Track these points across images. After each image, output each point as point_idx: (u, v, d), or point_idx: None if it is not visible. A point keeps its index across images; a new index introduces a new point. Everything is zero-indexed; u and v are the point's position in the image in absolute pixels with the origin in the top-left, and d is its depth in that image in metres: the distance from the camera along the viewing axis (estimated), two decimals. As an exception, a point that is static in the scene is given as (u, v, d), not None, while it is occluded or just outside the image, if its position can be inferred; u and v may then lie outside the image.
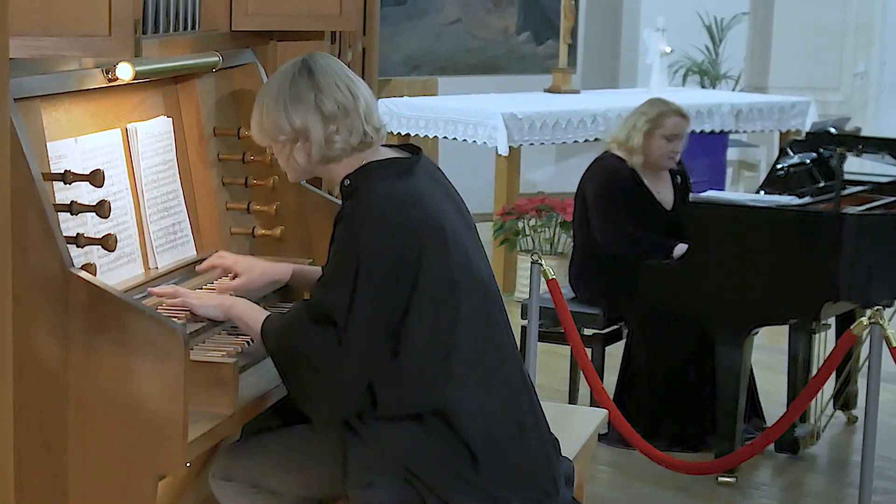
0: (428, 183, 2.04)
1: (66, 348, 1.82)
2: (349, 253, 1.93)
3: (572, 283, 3.85)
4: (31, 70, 1.93)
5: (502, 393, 2.03)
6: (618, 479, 3.54)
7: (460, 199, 2.11)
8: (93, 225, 2.06)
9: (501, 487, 2.00)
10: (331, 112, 2.01)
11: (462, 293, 1.98)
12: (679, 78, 7.48)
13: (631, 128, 3.72)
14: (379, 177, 2.00)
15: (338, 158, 2.03)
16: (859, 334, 3.01)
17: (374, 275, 1.92)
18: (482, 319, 2.02)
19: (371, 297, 1.92)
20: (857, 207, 3.63)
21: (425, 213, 1.97)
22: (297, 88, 2.02)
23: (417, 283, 1.94)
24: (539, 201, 5.35)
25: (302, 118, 2.01)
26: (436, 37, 7.15)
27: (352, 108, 2.02)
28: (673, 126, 3.70)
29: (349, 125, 2.02)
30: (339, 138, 2.02)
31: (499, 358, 2.05)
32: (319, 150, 2.02)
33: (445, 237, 1.97)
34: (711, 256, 3.50)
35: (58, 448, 1.84)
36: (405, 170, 2.02)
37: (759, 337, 3.66)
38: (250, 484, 2.10)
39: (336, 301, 1.92)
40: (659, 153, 3.70)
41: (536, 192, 5.97)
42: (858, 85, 7.70)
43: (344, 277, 1.92)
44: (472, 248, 2.05)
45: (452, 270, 1.97)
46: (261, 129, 2.07)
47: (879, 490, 3.41)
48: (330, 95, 2.02)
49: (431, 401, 1.97)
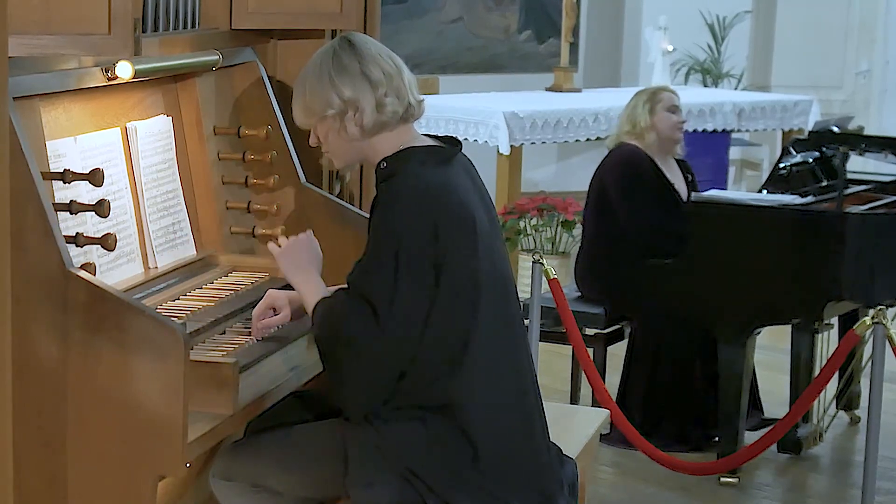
0: (462, 176, 2.03)
1: (65, 348, 1.81)
2: (388, 236, 1.92)
3: (577, 279, 3.84)
4: (31, 69, 1.92)
5: (512, 392, 2.03)
6: (620, 480, 3.53)
7: (489, 198, 2.10)
8: (92, 224, 2.05)
9: (504, 488, 1.99)
10: (378, 78, 2.01)
11: (483, 287, 1.97)
12: (681, 76, 7.47)
13: (633, 115, 3.76)
14: (417, 162, 1.99)
15: (388, 126, 2.01)
16: (862, 334, 3.00)
17: (414, 258, 1.91)
18: (500, 317, 2.01)
19: (412, 281, 1.91)
20: (860, 207, 3.62)
21: (459, 203, 1.97)
22: (340, 60, 2.02)
23: (443, 271, 1.93)
24: (540, 200, 5.35)
25: (351, 87, 2.00)
26: (437, 35, 7.14)
27: (396, 75, 2.03)
28: (669, 98, 3.80)
29: (396, 89, 2.02)
30: (390, 101, 2.01)
31: (511, 357, 2.04)
32: (372, 115, 2.01)
33: (475, 229, 1.97)
34: (714, 256, 3.49)
35: (57, 448, 1.83)
36: (443, 159, 2.02)
37: (762, 337, 3.65)
38: (251, 484, 2.09)
39: (378, 286, 1.91)
40: (668, 124, 3.76)
41: (538, 192, 5.97)
42: (861, 83, 7.69)
43: (385, 262, 1.91)
44: (497, 245, 2.05)
45: (477, 263, 1.97)
46: (306, 108, 2.05)
47: (882, 491, 3.39)
48: (375, 63, 2.02)
49: (442, 394, 1.95)
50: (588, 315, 3.73)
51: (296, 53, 2.67)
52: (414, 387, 1.96)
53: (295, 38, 2.68)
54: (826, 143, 4.05)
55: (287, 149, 2.50)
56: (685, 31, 7.18)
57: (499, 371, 2.01)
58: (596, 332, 3.77)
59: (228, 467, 2.11)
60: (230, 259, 2.43)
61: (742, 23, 7.62)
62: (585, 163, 7.37)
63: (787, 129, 6.36)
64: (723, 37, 7.57)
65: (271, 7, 2.53)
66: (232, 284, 2.34)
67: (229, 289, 2.31)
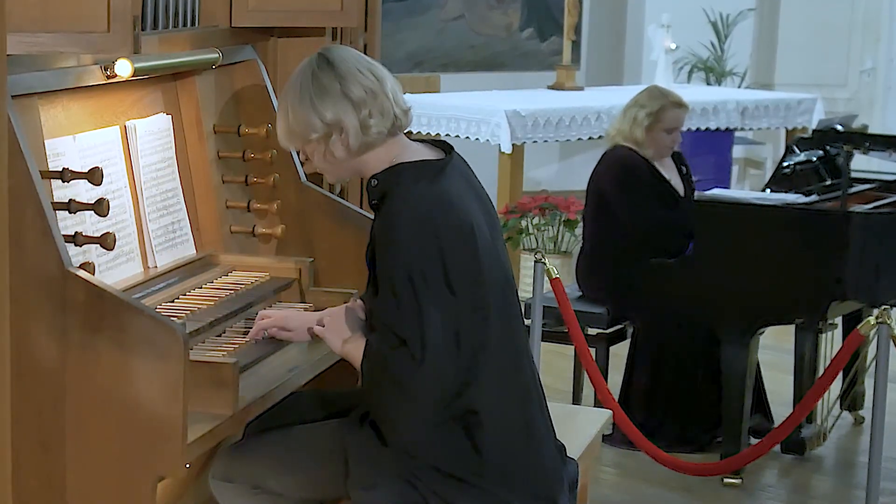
0: (459, 183, 1.99)
1: (64, 348, 1.80)
2: (398, 268, 1.88)
3: (579, 279, 3.83)
4: (29, 67, 1.91)
5: (515, 393, 2.01)
6: (622, 481, 3.51)
7: (487, 199, 2.07)
8: (91, 223, 2.04)
9: (507, 491, 1.97)
10: (359, 98, 1.95)
11: (487, 293, 1.95)
12: (684, 75, 7.45)
13: (632, 121, 3.72)
14: (410, 180, 1.94)
15: (375, 144, 1.97)
16: (866, 334, 2.98)
17: (429, 281, 1.88)
18: (502, 317, 1.99)
19: (435, 305, 1.88)
20: (864, 206, 3.60)
21: (457, 215, 1.93)
22: (319, 82, 1.96)
23: (453, 285, 1.90)
24: (542, 199, 5.33)
25: (332, 110, 1.95)
26: (438, 33, 7.12)
27: (379, 91, 1.97)
28: (673, 119, 3.72)
29: (380, 107, 1.96)
30: (374, 122, 1.96)
31: (514, 359, 2.02)
32: (357, 137, 1.96)
33: (475, 237, 1.94)
34: (717, 255, 3.48)
35: (56, 449, 1.82)
36: (436, 172, 1.97)
37: (766, 337, 3.63)
38: (251, 485, 2.08)
39: (406, 324, 1.87)
40: (660, 145, 3.73)
41: (540, 190, 5.95)
42: (865, 82, 7.67)
43: (404, 299, 1.87)
44: (498, 248, 2.03)
45: (480, 270, 1.94)
46: (289, 132, 2.00)
47: (887, 492, 3.38)
48: (355, 81, 1.96)
49: (461, 403, 1.93)
50: (590, 315, 3.71)
51: (296, 51, 2.66)
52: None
53: (295, 36, 2.67)
54: (830, 141, 4.04)
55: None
56: (688, 28, 7.16)
57: (503, 374, 1.99)
58: (598, 332, 3.76)
59: (228, 468, 2.09)
60: (230, 258, 2.42)
61: (745, 20, 7.60)
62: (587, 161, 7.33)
63: (790, 128, 6.34)
64: (726, 34, 7.55)
65: (271, 5, 2.52)
66: (232, 284, 2.33)
67: (229, 288, 2.30)
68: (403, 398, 1.89)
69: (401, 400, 1.89)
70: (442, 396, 1.91)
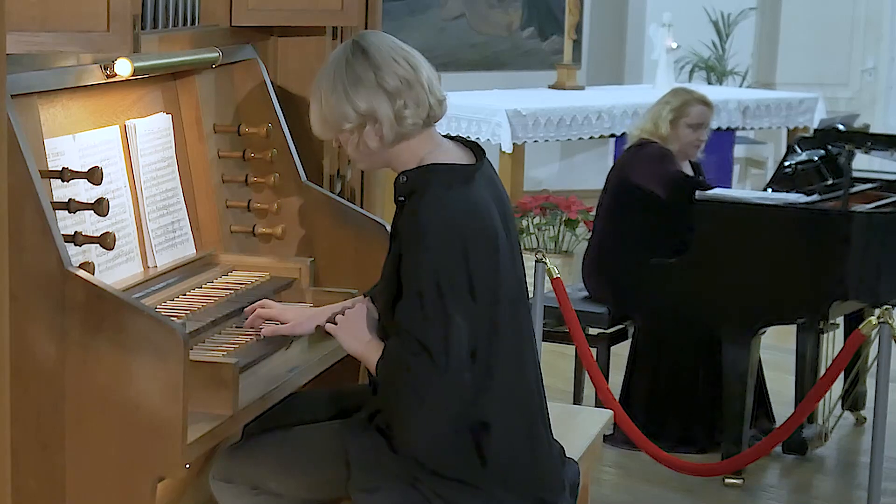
0: (484, 189, 1.96)
1: (63, 348, 1.80)
2: (426, 274, 1.85)
3: (584, 275, 3.82)
4: (29, 66, 1.91)
5: (519, 396, 2.00)
6: (623, 481, 3.51)
7: (507, 204, 2.04)
8: (91, 223, 2.04)
9: (509, 493, 1.97)
10: (395, 88, 1.92)
11: (502, 300, 1.93)
12: (685, 74, 7.44)
13: (657, 117, 3.72)
14: (442, 186, 1.90)
15: (409, 136, 1.94)
16: (868, 334, 2.98)
17: (455, 288, 1.86)
18: (513, 322, 1.97)
19: (459, 312, 1.86)
20: (865, 205, 3.60)
21: (483, 224, 1.91)
22: (353, 71, 1.92)
23: (475, 293, 1.88)
24: (543, 199, 5.33)
25: (366, 100, 1.91)
26: (439, 32, 7.12)
27: (414, 80, 1.93)
28: (697, 115, 3.71)
29: (415, 98, 1.93)
30: (409, 112, 1.93)
31: (519, 363, 2.00)
32: (391, 128, 1.93)
33: (497, 247, 1.92)
34: (718, 254, 3.47)
35: (55, 449, 1.82)
36: (468, 178, 1.94)
37: (767, 336, 3.63)
38: (251, 486, 2.08)
39: (430, 332, 1.85)
40: (685, 141, 3.72)
41: (541, 190, 5.94)
42: (867, 81, 7.66)
43: (430, 305, 1.85)
44: (514, 252, 2.00)
45: (499, 279, 1.92)
46: (323, 122, 1.97)
47: (888, 492, 3.37)
48: (390, 71, 1.92)
49: (476, 411, 1.92)
50: (591, 315, 3.71)
51: (296, 50, 2.66)
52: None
53: (295, 35, 2.66)
54: (831, 141, 4.03)
55: (287, 147, 2.48)
56: (689, 27, 7.16)
57: (510, 378, 1.98)
58: (599, 332, 3.75)
59: (228, 469, 2.09)
60: (230, 258, 2.42)
61: (747, 19, 7.59)
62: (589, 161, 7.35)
63: (792, 127, 6.33)
64: (727, 34, 7.54)
65: (272, 4, 2.51)
66: (232, 284, 2.32)
67: (229, 288, 2.29)
68: (422, 406, 1.87)
69: (419, 407, 1.87)
70: (461, 406, 1.89)
